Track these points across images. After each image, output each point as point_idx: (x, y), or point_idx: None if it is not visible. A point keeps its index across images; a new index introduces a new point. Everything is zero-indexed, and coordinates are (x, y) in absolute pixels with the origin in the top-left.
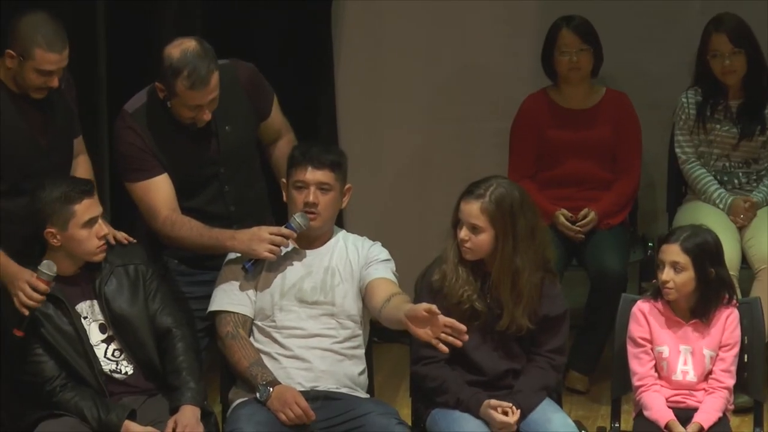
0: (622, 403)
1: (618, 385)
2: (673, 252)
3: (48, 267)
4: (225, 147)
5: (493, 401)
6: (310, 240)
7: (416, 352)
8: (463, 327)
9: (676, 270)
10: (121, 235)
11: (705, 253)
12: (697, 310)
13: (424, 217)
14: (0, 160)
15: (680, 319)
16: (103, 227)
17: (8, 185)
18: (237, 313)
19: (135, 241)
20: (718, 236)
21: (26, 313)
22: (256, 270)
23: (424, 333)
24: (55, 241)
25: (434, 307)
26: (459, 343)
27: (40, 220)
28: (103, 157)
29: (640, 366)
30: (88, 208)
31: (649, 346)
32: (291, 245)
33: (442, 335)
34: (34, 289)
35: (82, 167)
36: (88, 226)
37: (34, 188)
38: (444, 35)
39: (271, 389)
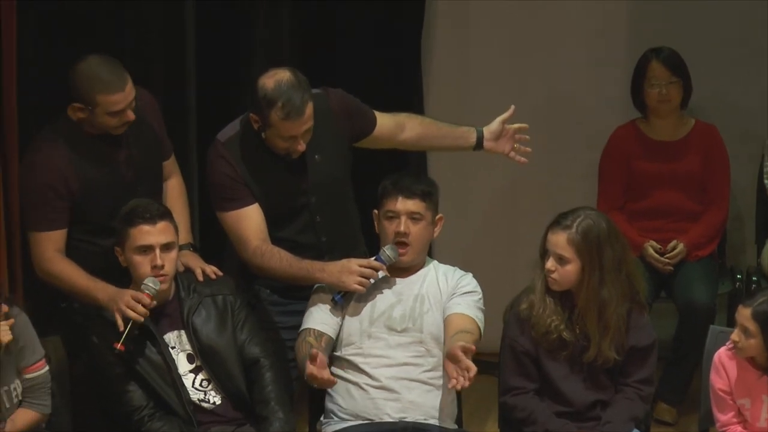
0: None
1: (706, 416)
2: (744, 316)
3: (152, 281)
4: (315, 177)
5: None
6: (401, 269)
7: (505, 383)
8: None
9: (746, 334)
10: (210, 269)
11: None
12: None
13: (513, 247)
14: (89, 206)
15: (759, 370)
16: (157, 258)
17: (99, 226)
18: (315, 329)
19: (222, 275)
20: None
21: (122, 327)
22: (346, 301)
23: (451, 370)
24: (121, 259)
25: (470, 347)
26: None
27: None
28: (193, 186)
29: (722, 414)
30: (143, 234)
31: (729, 397)
32: (382, 274)
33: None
34: (138, 302)
35: (175, 191)
36: (141, 253)
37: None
38: (532, 66)
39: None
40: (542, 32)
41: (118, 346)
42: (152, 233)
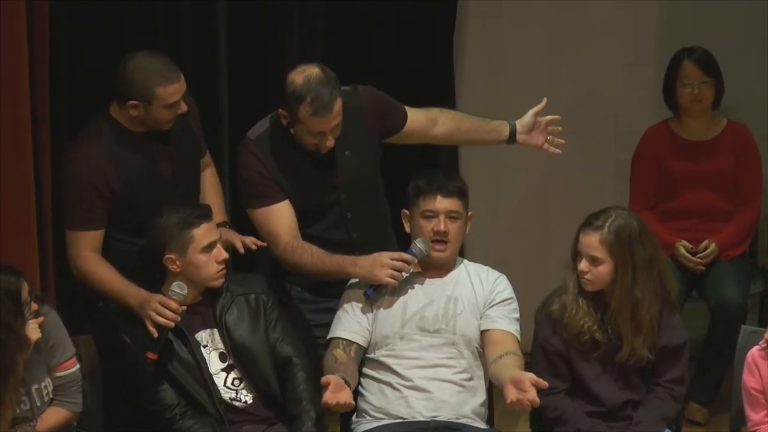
0: None
1: (737, 416)
2: None
3: (179, 287)
4: (345, 174)
5: None
6: (434, 268)
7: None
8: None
9: None
10: (250, 240)
11: None
12: None
13: (545, 247)
14: (128, 204)
15: None
16: (222, 252)
17: (137, 224)
18: (344, 338)
19: (264, 244)
20: None
21: (156, 334)
22: (378, 296)
23: (513, 394)
24: (174, 267)
25: (542, 382)
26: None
27: (159, 246)
28: (225, 184)
29: (754, 413)
30: (206, 232)
31: (762, 396)
32: (412, 270)
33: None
34: (166, 308)
35: (209, 177)
36: (207, 251)
37: (153, 215)
38: (564, 66)
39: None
40: (574, 32)
41: (152, 355)
42: (213, 230)
